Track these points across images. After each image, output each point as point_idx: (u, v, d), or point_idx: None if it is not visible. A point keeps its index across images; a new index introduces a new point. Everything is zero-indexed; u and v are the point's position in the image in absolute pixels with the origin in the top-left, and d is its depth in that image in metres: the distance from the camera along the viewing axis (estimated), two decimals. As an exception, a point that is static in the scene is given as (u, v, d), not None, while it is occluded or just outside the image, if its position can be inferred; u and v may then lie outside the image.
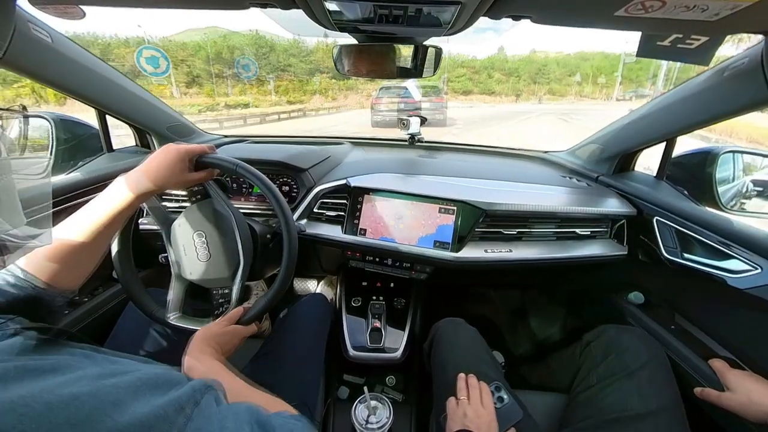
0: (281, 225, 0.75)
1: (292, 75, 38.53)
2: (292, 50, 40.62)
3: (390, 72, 0.92)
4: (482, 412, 0.68)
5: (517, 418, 0.71)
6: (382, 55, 0.90)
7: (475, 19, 0.62)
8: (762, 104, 0.69)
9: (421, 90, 11.66)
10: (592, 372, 0.79)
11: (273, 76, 35.30)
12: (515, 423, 0.71)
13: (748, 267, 0.74)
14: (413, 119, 1.37)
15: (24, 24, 0.71)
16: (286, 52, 40.26)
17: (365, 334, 1.05)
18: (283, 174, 1.11)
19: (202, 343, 0.61)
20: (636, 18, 0.55)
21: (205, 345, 0.61)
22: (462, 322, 0.93)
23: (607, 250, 1.03)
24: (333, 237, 1.02)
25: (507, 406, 0.73)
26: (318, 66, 39.12)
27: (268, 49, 39.13)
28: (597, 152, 1.22)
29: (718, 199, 0.89)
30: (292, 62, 39.69)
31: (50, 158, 0.96)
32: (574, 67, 49.66)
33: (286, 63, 39.53)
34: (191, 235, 0.77)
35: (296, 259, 0.75)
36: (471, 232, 0.97)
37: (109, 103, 1.02)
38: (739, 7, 0.49)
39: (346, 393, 1.02)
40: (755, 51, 0.67)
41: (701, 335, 0.88)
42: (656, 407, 0.67)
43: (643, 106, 1.02)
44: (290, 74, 38.65)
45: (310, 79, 37.13)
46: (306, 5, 0.60)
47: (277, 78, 36.35)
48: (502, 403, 0.73)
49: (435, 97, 12.06)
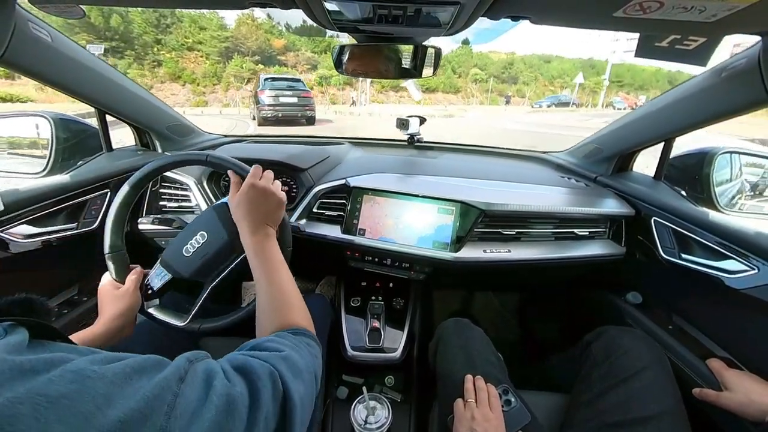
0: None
1: (202, 55, 27.88)
2: (203, 22, 28.73)
3: (389, 72, 0.92)
4: (490, 415, 0.68)
5: (524, 421, 0.71)
6: (382, 55, 0.90)
7: (474, 19, 0.62)
8: (759, 104, 0.69)
9: (285, 84, 9.93)
10: (594, 373, 0.79)
11: (170, 54, 25.78)
12: (523, 426, 0.70)
13: (745, 267, 0.74)
14: (412, 119, 1.38)
15: (24, 23, 0.71)
16: (194, 23, 28.59)
17: (364, 334, 1.05)
18: (283, 174, 1.11)
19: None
20: (634, 19, 0.55)
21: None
22: (468, 323, 0.93)
23: (605, 251, 1.03)
24: (332, 237, 1.02)
25: (515, 409, 0.72)
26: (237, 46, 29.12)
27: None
28: (595, 153, 1.22)
29: (716, 199, 0.90)
30: (204, 38, 28.03)
31: (50, 157, 0.96)
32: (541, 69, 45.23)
33: (195, 39, 27.89)
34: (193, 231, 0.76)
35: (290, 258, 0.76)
36: (470, 232, 0.97)
37: (109, 103, 1.02)
38: (736, 8, 0.50)
39: (345, 393, 1.02)
40: (753, 52, 0.67)
41: (699, 335, 0.88)
42: (659, 411, 0.67)
43: (642, 107, 1.02)
44: (199, 54, 27.86)
45: (227, 62, 27.72)
46: (306, 5, 0.60)
47: (179, 57, 26.65)
48: (510, 407, 0.73)
49: (303, 92, 10.03)
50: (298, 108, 9.72)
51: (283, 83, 9.89)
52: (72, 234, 0.93)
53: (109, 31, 23.99)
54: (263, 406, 0.34)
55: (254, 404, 0.34)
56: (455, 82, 37.47)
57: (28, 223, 0.84)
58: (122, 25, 24.67)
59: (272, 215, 0.68)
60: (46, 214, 0.87)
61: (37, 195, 0.85)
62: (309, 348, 0.49)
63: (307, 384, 0.42)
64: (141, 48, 25.69)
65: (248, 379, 0.36)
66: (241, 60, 28.15)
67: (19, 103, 12.94)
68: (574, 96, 31.36)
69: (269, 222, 0.67)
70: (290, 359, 0.42)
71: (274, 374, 0.38)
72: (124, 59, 24.10)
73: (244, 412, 0.33)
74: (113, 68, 1.01)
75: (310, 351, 0.48)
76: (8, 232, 0.80)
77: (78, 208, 0.95)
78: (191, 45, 28.07)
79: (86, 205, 0.96)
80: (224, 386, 0.33)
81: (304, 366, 0.44)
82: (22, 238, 0.82)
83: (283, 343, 0.45)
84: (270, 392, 0.36)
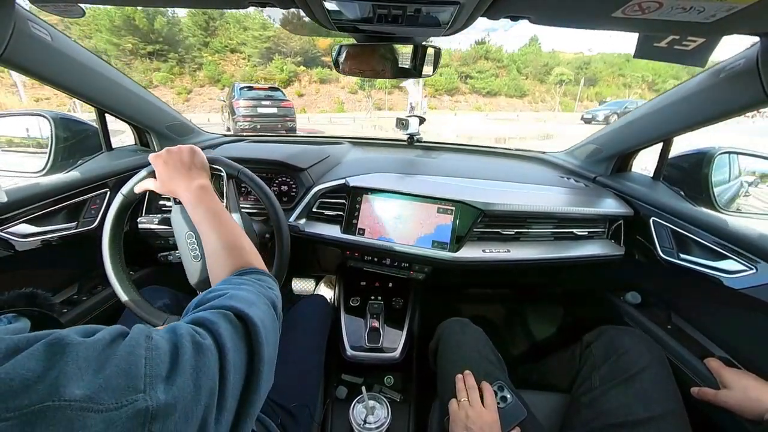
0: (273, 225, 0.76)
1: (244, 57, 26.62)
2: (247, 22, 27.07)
3: (389, 72, 0.92)
4: (484, 412, 0.68)
5: (520, 417, 0.71)
6: (382, 55, 0.90)
7: (473, 19, 0.62)
8: (757, 105, 0.70)
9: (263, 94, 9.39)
10: (594, 373, 0.79)
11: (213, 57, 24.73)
12: (519, 422, 0.70)
13: (743, 267, 0.75)
14: (412, 119, 1.38)
15: (23, 22, 0.71)
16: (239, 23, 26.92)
17: (363, 333, 1.06)
18: (282, 173, 1.11)
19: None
20: (633, 19, 0.56)
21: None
22: (468, 322, 0.93)
23: (604, 251, 1.04)
24: (332, 236, 1.02)
25: (510, 405, 0.73)
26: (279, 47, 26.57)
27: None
28: (594, 153, 1.23)
29: (714, 199, 0.90)
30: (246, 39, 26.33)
31: (50, 156, 0.96)
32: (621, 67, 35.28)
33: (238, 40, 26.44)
34: (184, 236, 0.76)
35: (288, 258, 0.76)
36: (469, 232, 0.98)
37: (109, 102, 1.02)
38: (734, 8, 0.50)
39: (344, 393, 1.02)
40: (751, 52, 0.67)
41: (697, 335, 0.88)
42: (660, 412, 0.67)
43: (640, 107, 1.02)
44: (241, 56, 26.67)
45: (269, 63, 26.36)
46: (305, 5, 0.60)
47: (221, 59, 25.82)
48: (506, 403, 0.73)
49: (282, 101, 9.46)
50: (278, 119, 9.28)
51: (260, 93, 9.39)
52: (72, 233, 0.93)
53: (153, 34, 23.18)
54: (227, 342, 0.35)
55: (221, 348, 0.35)
56: (521, 85, 32.41)
57: (27, 222, 0.84)
58: (166, 27, 23.79)
59: (192, 164, 0.69)
60: (45, 213, 0.87)
61: (37, 194, 0.85)
62: (259, 282, 0.49)
63: (264, 310, 0.43)
64: (185, 51, 24.90)
65: (206, 328, 0.36)
66: (281, 62, 26.65)
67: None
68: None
69: (196, 173, 0.68)
70: (237, 296, 0.43)
71: (227, 313, 0.39)
72: (167, 62, 23.64)
73: (215, 353, 0.34)
74: (113, 68, 1.01)
75: (260, 284, 0.49)
76: (8, 231, 0.80)
77: (77, 207, 0.95)
78: (234, 47, 27.05)
79: (86, 205, 0.96)
80: (189, 334, 0.34)
81: (255, 297, 0.44)
82: (21, 237, 0.82)
83: (227, 287, 0.45)
84: (229, 328, 0.37)
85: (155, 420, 0.27)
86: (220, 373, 0.34)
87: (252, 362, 0.38)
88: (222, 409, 0.33)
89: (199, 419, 0.30)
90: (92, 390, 0.25)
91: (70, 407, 0.23)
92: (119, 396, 0.26)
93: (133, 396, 0.26)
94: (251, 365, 0.38)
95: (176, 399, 0.28)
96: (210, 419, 0.31)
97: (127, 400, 0.26)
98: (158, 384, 0.28)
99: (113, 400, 0.25)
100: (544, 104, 30.05)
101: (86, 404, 0.24)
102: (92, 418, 0.24)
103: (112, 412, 0.25)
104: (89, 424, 0.24)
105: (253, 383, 0.37)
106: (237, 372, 0.35)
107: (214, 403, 0.32)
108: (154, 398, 0.27)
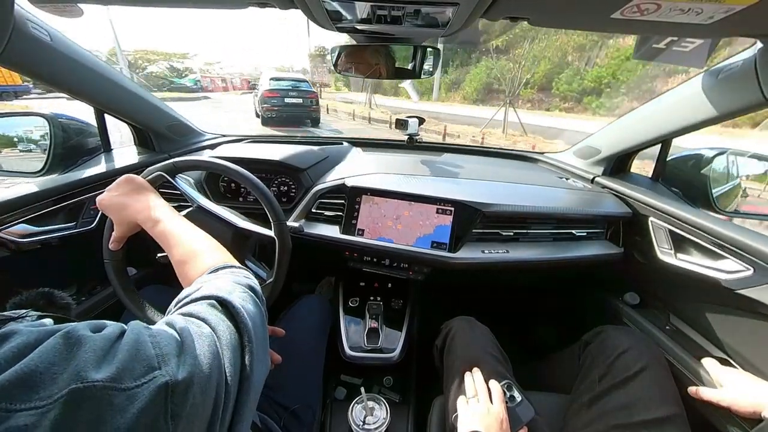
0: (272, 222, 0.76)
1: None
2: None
3: (389, 72, 0.93)
4: (493, 410, 0.68)
5: (529, 416, 0.71)
6: (381, 56, 0.90)
7: (473, 19, 0.62)
8: (755, 107, 0.70)
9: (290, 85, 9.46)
10: (594, 374, 0.78)
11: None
12: (527, 422, 0.70)
13: (740, 268, 0.75)
14: (411, 120, 1.38)
15: (23, 22, 0.71)
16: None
17: (362, 334, 1.05)
18: (282, 174, 1.11)
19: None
20: (632, 21, 0.56)
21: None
22: (474, 320, 0.93)
23: (602, 251, 1.04)
24: (331, 237, 1.02)
25: (519, 404, 0.72)
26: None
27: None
28: (593, 154, 1.23)
29: (713, 200, 0.90)
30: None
31: (48, 157, 0.96)
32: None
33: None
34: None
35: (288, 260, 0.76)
36: (468, 232, 0.98)
37: (108, 102, 1.02)
38: (732, 10, 0.50)
39: (343, 393, 1.02)
40: (749, 54, 0.67)
41: (695, 335, 0.88)
42: (661, 414, 0.67)
43: (638, 109, 1.03)
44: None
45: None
46: (305, 6, 0.60)
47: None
48: (514, 402, 0.72)
49: (308, 93, 9.61)
50: (302, 109, 9.63)
51: (287, 83, 9.62)
52: (71, 233, 0.93)
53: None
54: (218, 326, 0.38)
55: (215, 330, 0.37)
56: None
57: (26, 222, 0.84)
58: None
59: (131, 190, 0.67)
60: (44, 214, 0.87)
61: (36, 194, 0.85)
62: (232, 274, 0.50)
63: (242, 296, 0.44)
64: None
65: (195, 317, 0.38)
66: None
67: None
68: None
69: (137, 195, 0.67)
70: (213, 286, 0.44)
71: (210, 301, 0.41)
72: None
73: (211, 336, 0.36)
74: (112, 68, 1.01)
75: (233, 275, 0.50)
76: (7, 232, 0.80)
77: (76, 207, 0.95)
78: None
79: (85, 205, 0.96)
80: (185, 321, 0.36)
81: (231, 286, 0.45)
82: (21, 238, 0.82)
83: (200, 284, 0.46)
84: (215, 313, 0.39)
85: (175, 393, 0.29)
86: (221, 351, 0.35)
87: (242, 342, 0.39)
88: (228, 391, 0.35)
89: (213, 396, 0.32)
90: (112, 373, 0.27)
91: (94, 387, 0.25)
92: (138, 376, 0.28)
93: (151, 374, 0.28)
94: (242, 345, 0.39)
95: (191, 374, 0.30)
96: (220, 397, 0.33)
97: (146, 378, 0.28)
98: (171, 360, 0.30)
99: (132, 379, 0.27)
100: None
101: (109, 384, 0.26)
102: (117, 396, 0.26)
103: (134, 390, 0.27)
104: (115, 402, 0.26)
105: (249, 363, 0.39)
106: (234, 351, 0.37)
107: (223, 380, 0.34)
108: (171, 373, 0.29)
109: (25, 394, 0.23)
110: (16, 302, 0.40)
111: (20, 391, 0.23)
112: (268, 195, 0.79)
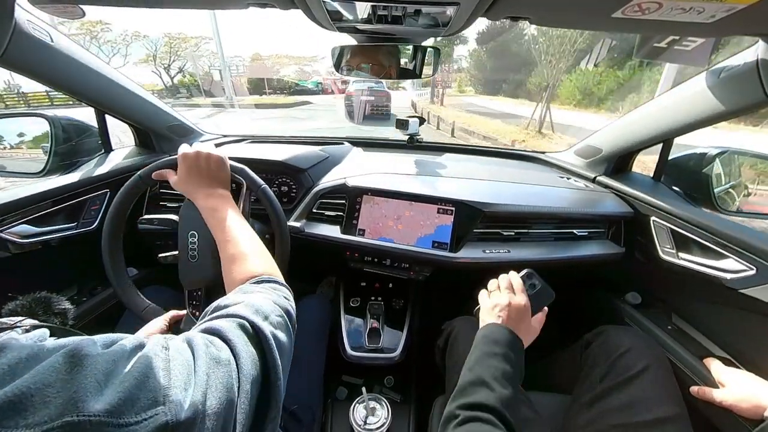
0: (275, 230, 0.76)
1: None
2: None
3: (389, 72, 0.92)
4: (515, 298, 0.70)
5: (550, 298, 0.74)
6: (381, 56, 0.90)
7: (473, 19, 0.62)
8: (757, 106, 0.69)
9: (366, 86, 11.04)
10: (595, 373, 0.78)
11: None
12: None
13: (743, 267, 0.74)
14: (412, 120, 1.38)
15: (23, 23, 0.71)
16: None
17: (363, 334, 1.05)
18: (283, 174, 1.11)
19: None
20: (633, 20, 0.56)
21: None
22: (476, 321, 0.93)
23: (604, 251, 1.03)
24: (332, 237, 1.02)
25: (539, 289, 0.75)
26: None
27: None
28: (594, 153, 1.22)
29: (714, 199, 0.90)
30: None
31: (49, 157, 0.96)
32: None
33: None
34: (187, 234, 0.76)
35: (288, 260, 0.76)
36: (469, 232, 0.98)
37: (109, 103, 1.02)
38: (734, 9, 0.50)
39: (345, 393, 1.01)
40: (751, 53, 0.67)
41: (697, 335, 0.88)
42: (663, 414, 0.67)
43: (640, 107, 1.02)
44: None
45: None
46: (305, 6, 0.60)
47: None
48: (534, 289, 0.75)
49: (380, 92, 11.25)
50: (375, 106, 11.19)
51: (364, 84, 11.18)
52: (71, 234, 0.93)
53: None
54: (242, 353, 0.36)
55: (237, 359, 0.35)
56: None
57: (27, 223, 0.84)
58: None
59: (218, 175, 0.69)
60: (45, 214, 0.87)
61: (37, 195, 0.85)
62: (274, 291, 0.50)
63: (278, 321, 0.44)
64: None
65: (222, 337, 0.37)
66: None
67: None
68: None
69: (218, 184, 0.69)
70: (252, 305, 0.43)
71: (242, 323, 0.39)
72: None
73: (231, 365, 0.34)
74: (113, 68, 1.01)
75: (276, 293, 0.49)
76: (8, 232, 0.80)
77: (77, 208, 0.95)
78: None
79: (85, 205, 0.96)
80: (205, 345, 0.34)
81: (270, 308, 0.44)
82: (22, 238, 0.82)
83: (242, 297, 0.46)
84: (243, 338, 0.38)
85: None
86: (238, 384, 0.33)
87: (267, 374, 0.38)
88: (239, 422, 0.33)
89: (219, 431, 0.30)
90: (112, 404, 0.24)
91: (89, 422, 0.23)
92: (139, 410, 0.26)
93: (153, 410, 0.26)
94: (266, 377, 0.38)
95: (196, 414, 0.28)
96: (228, 430, 0.31)
97: (147, 414, 0.26)
98: (177, 396, 0.28)
99: (133, 414, 0.25)
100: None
101: (106, 419, 0.24)
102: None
103: (133, 427, 0.25)
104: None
105: (270, 395, 0.37)
106: (254, 384, 0.35)
107: (232, 417, 0.32)
108: (174, 411, 0.27)
109: (11, 419, 0.21)
110: (11, 309, 0.38)
111: (5, 415, 0.21)
112: (269, 195, 0.79)
